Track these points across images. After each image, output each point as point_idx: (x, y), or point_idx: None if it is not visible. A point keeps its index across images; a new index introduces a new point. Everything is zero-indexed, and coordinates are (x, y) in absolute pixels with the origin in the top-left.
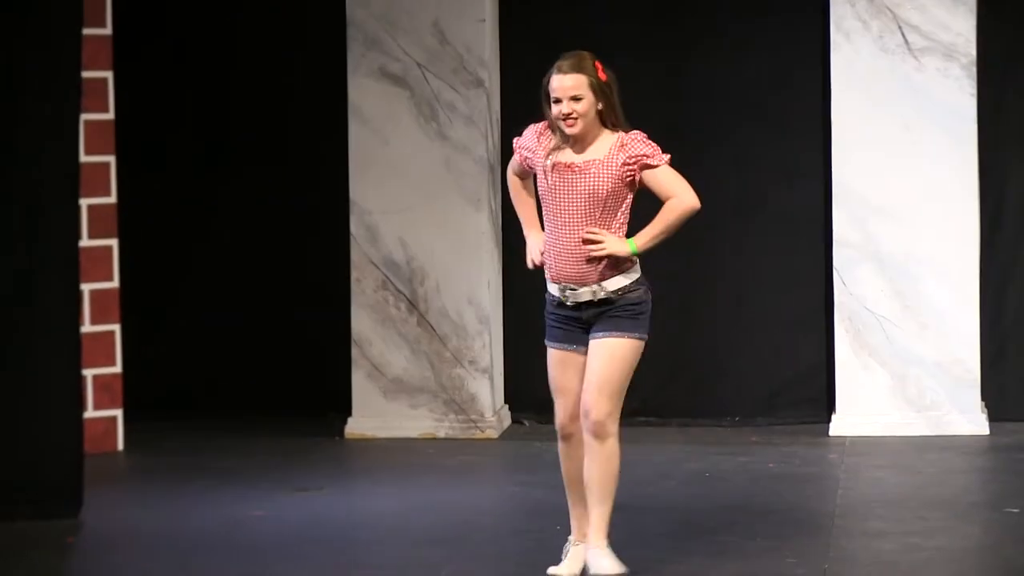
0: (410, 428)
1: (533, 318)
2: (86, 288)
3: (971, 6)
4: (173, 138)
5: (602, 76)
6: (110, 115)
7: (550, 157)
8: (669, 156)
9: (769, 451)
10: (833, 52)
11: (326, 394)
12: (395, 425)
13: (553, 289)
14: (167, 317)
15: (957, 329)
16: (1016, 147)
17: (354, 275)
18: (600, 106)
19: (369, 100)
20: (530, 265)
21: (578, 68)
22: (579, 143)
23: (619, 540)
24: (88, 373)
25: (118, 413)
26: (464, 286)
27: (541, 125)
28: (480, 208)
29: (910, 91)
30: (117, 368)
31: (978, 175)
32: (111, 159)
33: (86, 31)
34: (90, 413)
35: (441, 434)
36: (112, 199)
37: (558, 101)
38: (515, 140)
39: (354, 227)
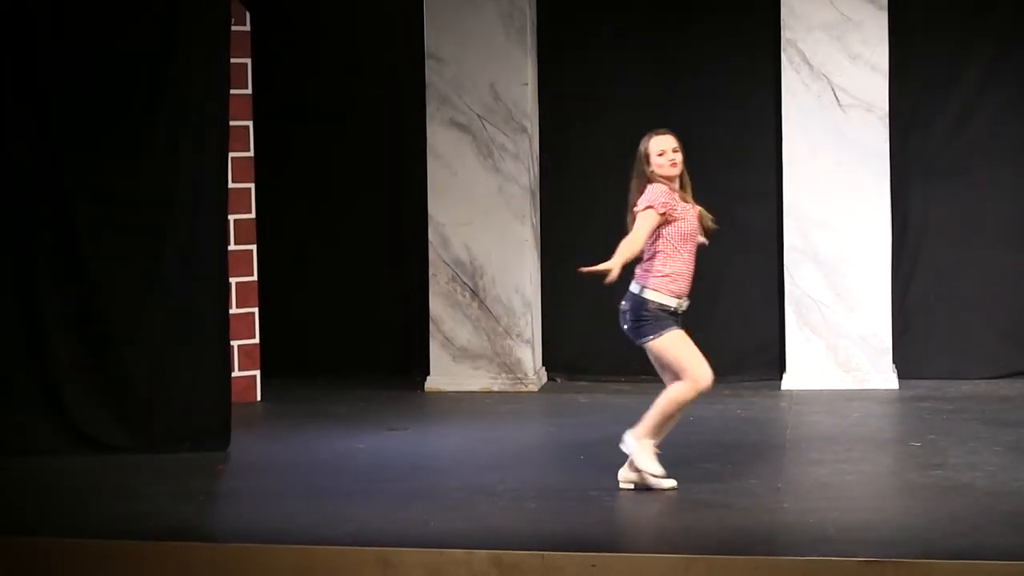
0: (472, 384)
1: (564, 302)
2: (233, 281)
3: (884, 73)
4: (298, 170)
5: None
6: (250, 153)
7: (687, 203)
8: None
9: (736, 401)
10: (784, 106)
11: (411, 359)
12: (461, 382)
13: (672, 302)
14: (293, 303)
15: (874, 310)
16: (917, 177)
17: (431, 271)
18: None
19: (442, 142)
20: (587, 269)
21: (669, 133)
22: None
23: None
24: (235, 343)
25: (256, 373)
26: (512, 279)
27: (663, 188)
28: (524, 222)
29: (840, 135)
30: (256, 340)
31: (890, 197)
32: (251, 185)
33: (233, 91)
34: (236, 373)
35: (495, 388)
36: (252, 215)
37: (662, 153)
38: (656, 205)
39: (431, 236)
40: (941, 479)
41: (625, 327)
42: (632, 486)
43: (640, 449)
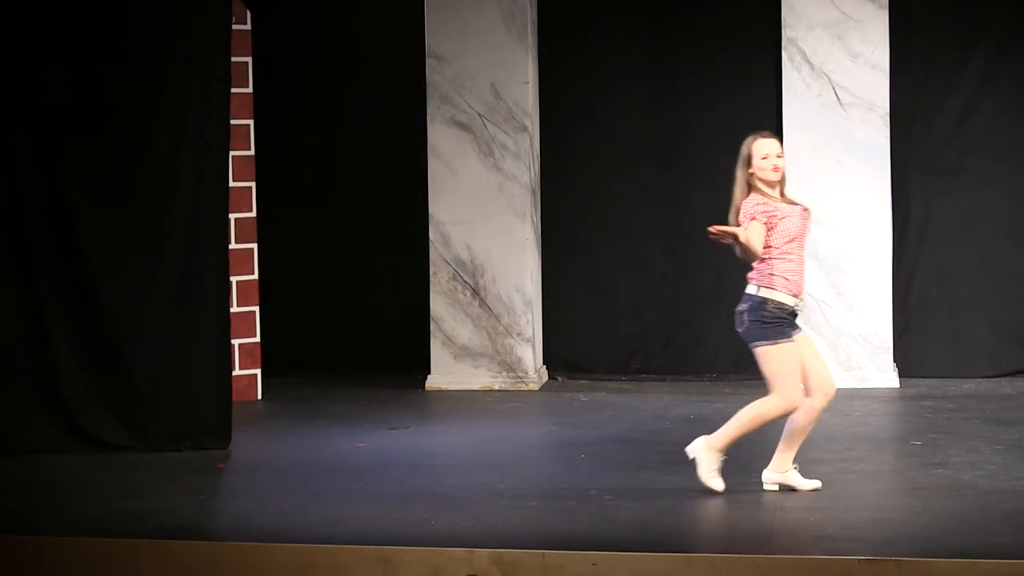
0: (473, 382)
1: (565, 300)
2: (234, 280)
3: (885, 72)
4: (298, 169)
5: None
6: (251, 152)
7: (789, 203)
8: None
9: (738, 399)
10: (785, 105)
11: (411, 357)
12: (462, 380)
13: (789, 301)
14: (293, 301)
15: (875, 310)
16: (918, 175)
17: (432, 270)
18: None
19: (443, 141)
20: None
21: (773, 136)
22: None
23: (627, 464)
24: (235, 342)
25: (257, 372)
26: (513, 278)
27: (756, 198)
28: (525, 221)
29: (841, 134)
30: (257, 339)
31: (891, 195)
32: (252, 184)
33: (233, 90)
34: (237, 372)
35: (496, 387)
36: (252, 214)
37: (766, 157)
38: (758, 216)
39: (432, 235)
40: (942, 478)
41: (740, 329)
42: (777, 487)
43: (707, 460)
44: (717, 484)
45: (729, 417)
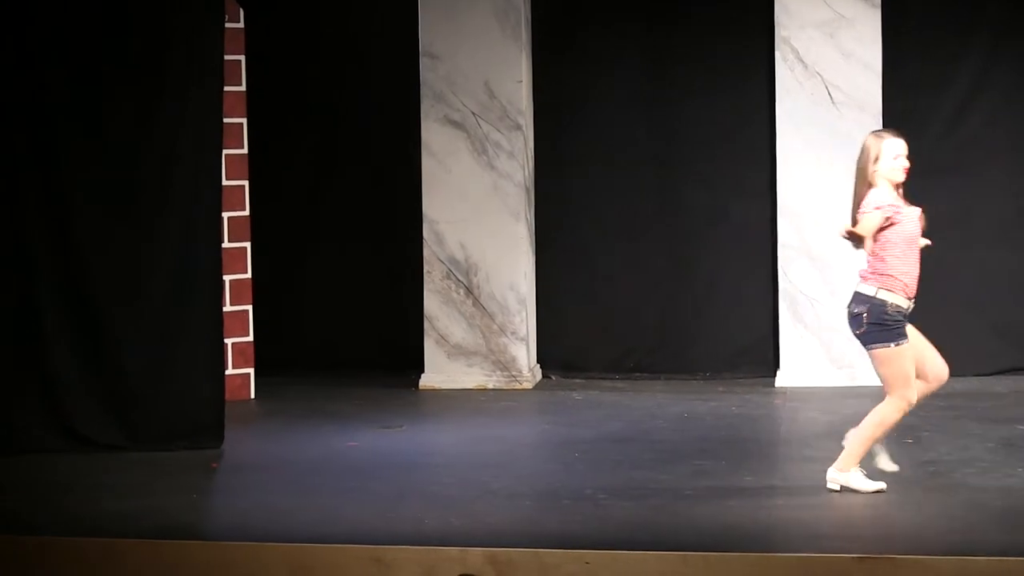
0: (467, 381)
1: (558, 299)
2: (227, 279)
3: (877, 72)
4: (292, 167)
5: None
6: (244, 150)
7: (913, 207)
8: None
9: (731, 398)
10: (778, 105)
11: (405, 356)
12: (456, 379)
13: (904, 303)
14: (287, 300)
15: None
16: (910, 175)
17: (426, 268)
18: None
19: (437, 140)
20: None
21: (901, 136)
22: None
23: (621, 463)
24: (228, 341)
25: (250, 371)
26: (507, 276)
27: (890, 192)
28: (519, 220)
29: (833, 134)
30: (250, 338)
31: None
32: (245, 183)
33: (226, 88)
34: (230, 371)
35: (490, 386)
36: (246, 212)
37: (897, 157)
38: (884, 207)
39: (426, 233)
40: (934, 475)
41: (858, 331)
42: (838, 487)
43: (851, 479)
44: (873, 486)
45: (721, 415)
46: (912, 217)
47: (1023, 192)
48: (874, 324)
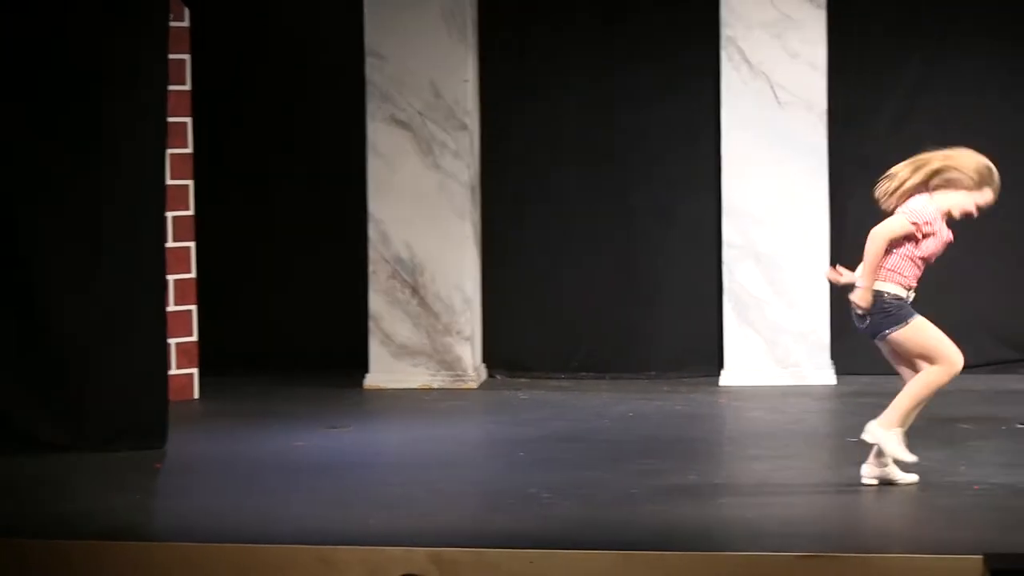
0: (412, 381)
1: (504, 298)
2: (171, 278)
3: (823, 72)
4: (237, 167)
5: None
6: (189, 150)
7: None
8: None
9: (677, 397)
10: (724, 104)
11: (350, 356)
12: (401, 379)
13: (903, 292)
14: (232, 300)
15: (813, 307)
16: (854, 173)
17: (371, 268)
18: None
19: (383, 139)
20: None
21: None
22: None
23: (566, 462)
24: (173, 341)
25: (194, 371)
26: (452, 276)
27: (929, 202)
28: (464, 219)
29: (779, 133)
30: (194, 338)
31: (828, 194)
32: (190, 182)
33: (172, 87)
34: (174, 371)
35: (435, 385)
36: (190, 212)
37: (981, 205)
38: (920, 224)
39: (372, 233)
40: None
41: (863, 325)
42: (876, 482)
43: (889, 438)
44: (907, 457)
45: (666, 414)
46: (942, 238)
47: None
48: (876, 315)
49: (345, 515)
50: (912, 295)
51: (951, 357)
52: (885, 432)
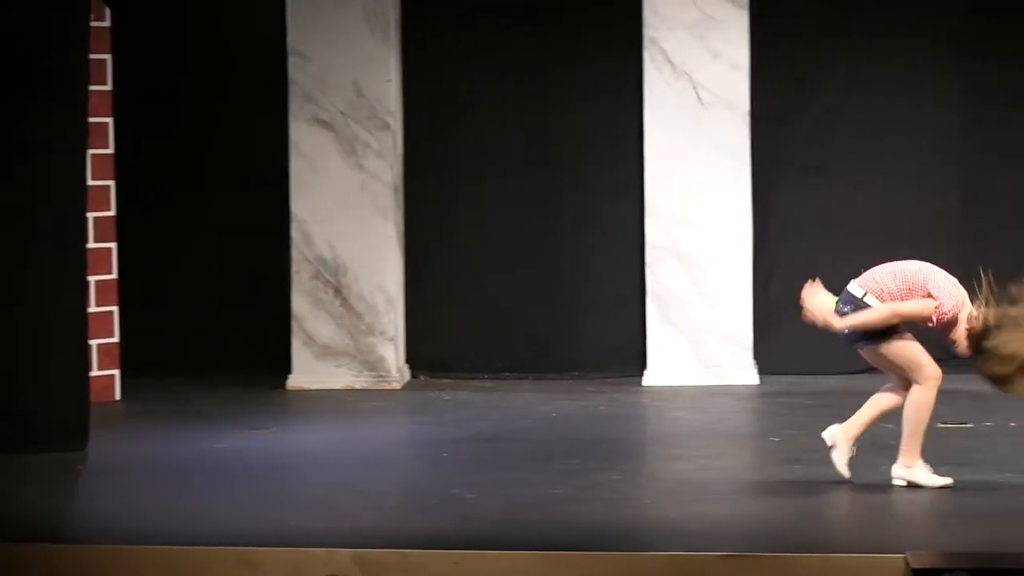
0: (335, 382)
1: (427, 299)
2: (92, 279)
3: (745, 72)
4: (159, 167)
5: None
6: (110, 150)
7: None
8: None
9: (599, 397)
10: (646, 104)
11: (273, 357)
12: (324, 380)
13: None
14: (154, 301)
15: (735, 308)
16: (778, 175)
17: (294, 268)
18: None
19: (305, 139)
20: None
21: None
22: None
23: (489, 463)
24: (94, 342)
25: (116, 372)
26: (375, 277)
27: (968, 313)
28: (387, 219)
29: (702, 134)
30: (116, 338)
31: (751, 195)
32: (111, 183)
33: (92, 87)
34: (95, 372)
35: (358, 386)
36: (112, 212)
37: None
38: (948, 311)
39: (294, 233)
40: (799, 474)
41: (847, 331)
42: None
43: (915, 474)
44: (940, 482)
45: (589, 415)
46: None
47: (892, 193)
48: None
49: (268, 516)
50: None
51: (927, 371)
52: (910, 470)
